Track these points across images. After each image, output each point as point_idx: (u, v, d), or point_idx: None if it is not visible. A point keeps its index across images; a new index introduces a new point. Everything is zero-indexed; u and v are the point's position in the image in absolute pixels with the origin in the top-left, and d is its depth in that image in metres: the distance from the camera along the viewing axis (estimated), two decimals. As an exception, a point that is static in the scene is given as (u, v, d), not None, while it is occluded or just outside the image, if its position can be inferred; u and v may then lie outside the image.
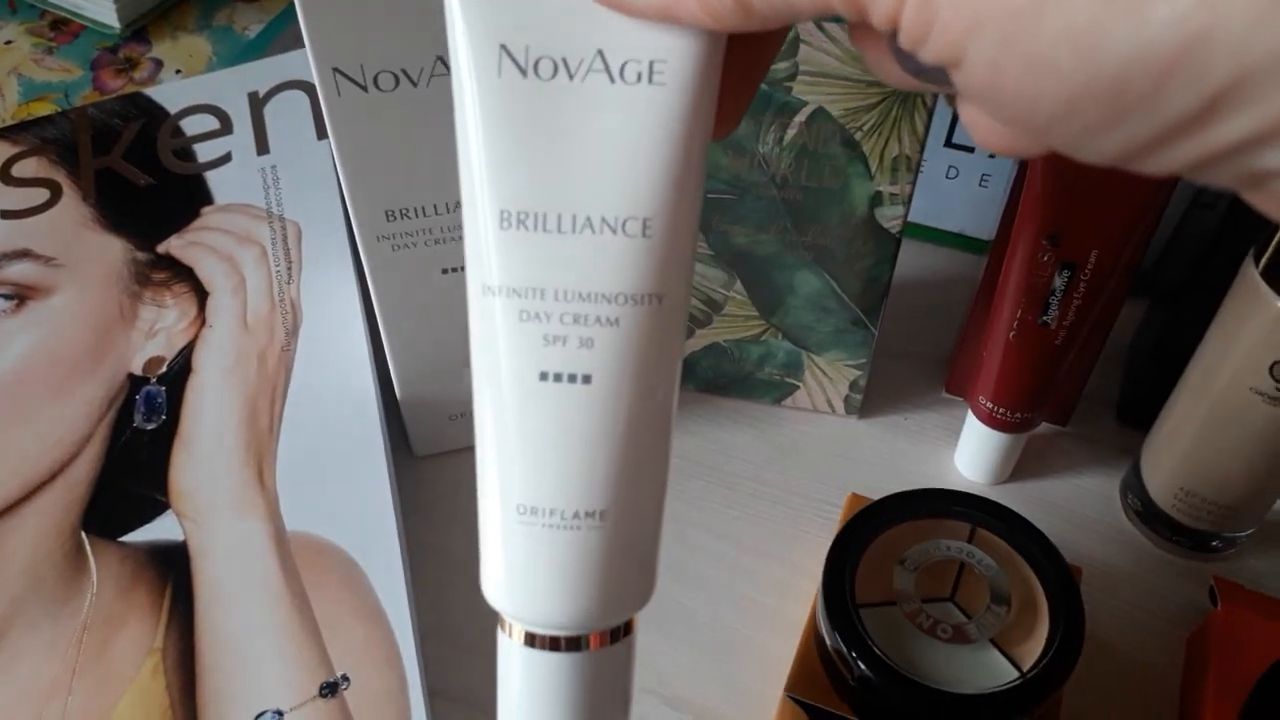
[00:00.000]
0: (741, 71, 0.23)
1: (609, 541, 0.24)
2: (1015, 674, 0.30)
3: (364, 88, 0.30)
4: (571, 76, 0.23)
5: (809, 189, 0.35)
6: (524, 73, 0.23)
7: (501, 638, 0.25)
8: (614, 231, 0.23)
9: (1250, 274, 0.32)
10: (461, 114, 0.24)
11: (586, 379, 0.24)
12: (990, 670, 0.30)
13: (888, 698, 0.29)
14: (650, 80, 0.23)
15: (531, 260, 0.24)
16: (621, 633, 0.25)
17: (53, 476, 0.37)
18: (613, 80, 0.23)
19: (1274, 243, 0.31)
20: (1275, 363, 0.32)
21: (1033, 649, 0.30)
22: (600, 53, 0.23)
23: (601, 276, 0.24)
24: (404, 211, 0.33)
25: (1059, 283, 0.34)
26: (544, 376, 0.24)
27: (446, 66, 0.24)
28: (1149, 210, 0.32)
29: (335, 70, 0.30)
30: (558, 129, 0.23)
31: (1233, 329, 0.33)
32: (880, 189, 0.34)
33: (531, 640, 0.24)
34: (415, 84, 0.30)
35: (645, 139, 0.23)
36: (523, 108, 0.23)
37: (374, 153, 0.32)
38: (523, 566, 0.24)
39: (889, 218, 0.35)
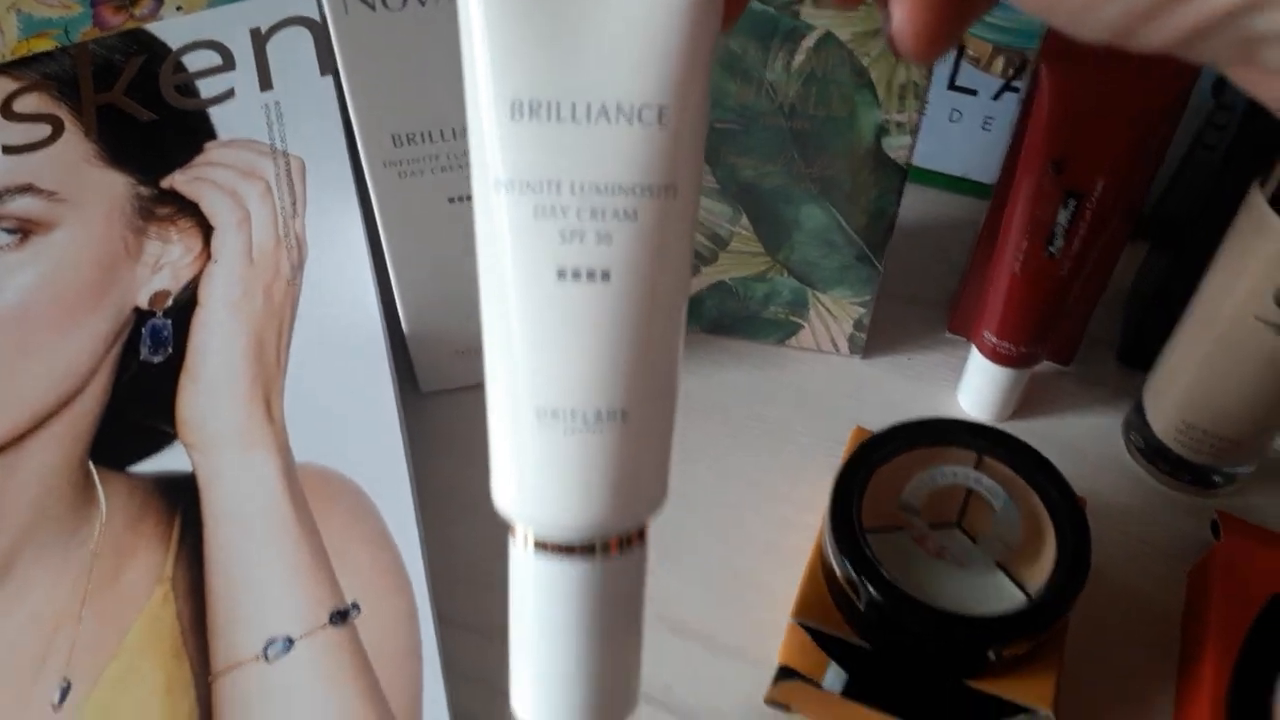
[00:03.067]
0: None
1: (628, 442, 0.24)
2: (1022, 597, 0.30)
3: (371, 6, 0.30)
4: None
5: (816, 118, 0.35)
6: None
7: (513, 550, 0.25)
8: (630, 121, 0.23)
9: (1257, 201, 0.32)
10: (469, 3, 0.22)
11: (605, 275, 0.23)
12: (998, 593, 0.30)
13: (896, 620, 0.30)
14: None
15: (546, 151, 0.23)
16: (635, 539, 0.25)
17: (59, 409, 0.37)
18: None
19: (1278, 171, 0.31)
20: (1281, 291, 0.32)
21: (1040, 573, 0.31)
22: None
23: (619, 167, 0.23)
24: (411, 137, 0.33)
25: (1064, 213, 0.34)
26: (562, 275, 0.23)
27: None
28: (1153, 135, 0.32)
29: None
30: (568, 13, 0.22)
31: (1238, 258, 0.33)
32: (888, 118, 0.34)
33: (544, 547, 0.24)
34: (423, 2, 0.30)
35: (659, 24, 0.22)
36: None
37: (381, 75, 0.31)
38: (540, 470, 0.24)
39: (896, 147, 0.35)
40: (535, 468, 0.23)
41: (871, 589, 0.30)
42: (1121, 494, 0.39)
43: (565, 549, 0.24)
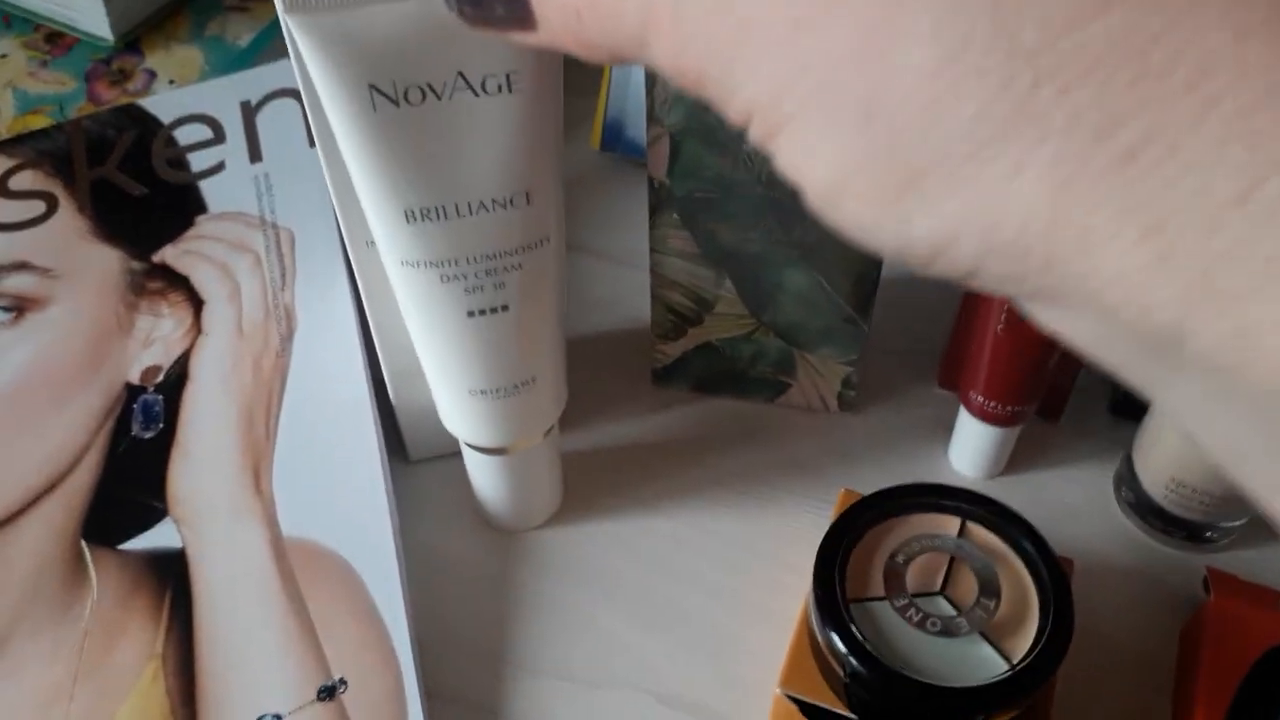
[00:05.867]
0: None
1: (538, 395, 0.34)
2: (1005, 666, 0.30)
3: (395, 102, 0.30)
4: (439, 97, 0.27)
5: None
6: (396, 103, 0.27)
7: (462, 444, 0.37)
8: (504, 207, 0.29)
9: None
10: (348, 144, 0.28)
11: (505, 307, 0.31)
12: (981, 663, 0.30)
13: (879, 692, 0.30)
14: (509, 89, 0.27)
15: (440, 241, 0.29)
16: (544, 435, 0.36)
17: (52, 486, 0.37)
18: (476, 94, 0.27)
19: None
20: (1260, 352, 0.32)
21: (1023, 641, 0.31)
22: (460, 74, 0.27)
23: (501, 239, 0.30)
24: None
25: (1045, 276, 0.34)
26: (471, 314, 0.31)
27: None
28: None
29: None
30: (438, 141, 0.28)
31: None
32: (865, 186, 0.35)
33: (479, 449, 0.36)
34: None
35: (515, 135, 0.28)
36: (403, 132, 0.27)
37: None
38: (474, 418, 0.34)
39: (875, 215, 0.35)
40: (473, 417, 0.35)
41: (854, 661, 0.30)
42: (1113, 550, 0.39)
43: (497, 450, 0.36)
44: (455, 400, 0.34)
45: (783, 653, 0.33)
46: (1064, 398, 0.42)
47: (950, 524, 0.33)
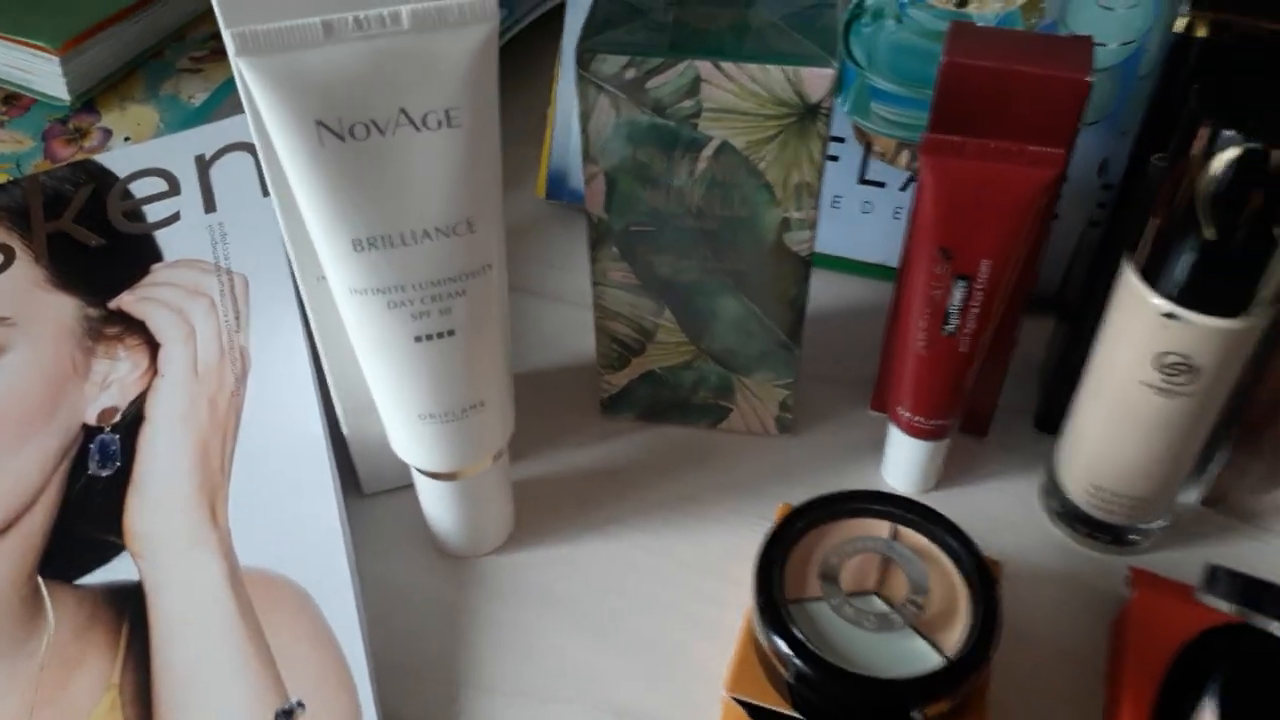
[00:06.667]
0: None
1: (486, 418, 0.36)
2: (939, 658, 0.32)
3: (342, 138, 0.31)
4: (383, 133, 0.29)
5: (723, 218, 0.37)
6: (342, 139, 0.29)
7: (413, 470, 0.38)
8: (447, 235, 0.31)
9: (1128, 274, 0.35)
10: (297, 178, 0.29)
11: (451, 333, 0.33)
12: (916, 656, 0.32)
13: (821, 687, 0.31)
14: (450, 124, 0.29)
15: (387, 269, 0.31)
16: (492, 460, 0.38)
17: (8, 526, 0.38)
18: (418, 129, 0.29)
19: (1145, 243, 0.34)
20: (1158, 354, 0.34)
21: (955, 634, 0.32)
22: (403, 110, 0.29)
23: (446, 266, 0.31)
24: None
25: (957, 294, 0.36)
26: (418, 339, 0.32)
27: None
28: (1028, 219, 0.35)
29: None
30: (383, 174, 0.29)
31: (1119, 328, 0.36)
32: (787, 215, 0.37)
33: (430, 474, 0.37)
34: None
35: (457, 168, 0.30)
36: (349, 165, 0.29)
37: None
38: (424, 443, 0.36)
39: (797, 241, 0.38)
40: (421, 443, 0.36)
41: (796, 660, 0.31)
42: (1043, 557, 0.41)
43: (448, 475, 0.37)
44: (405, 426, 0.35)
45: (728, 667, 0.34)
46: (989, 415, 0.44)
47: (881, 528, 0.35)
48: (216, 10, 0.29)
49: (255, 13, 0.28)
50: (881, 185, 0.50)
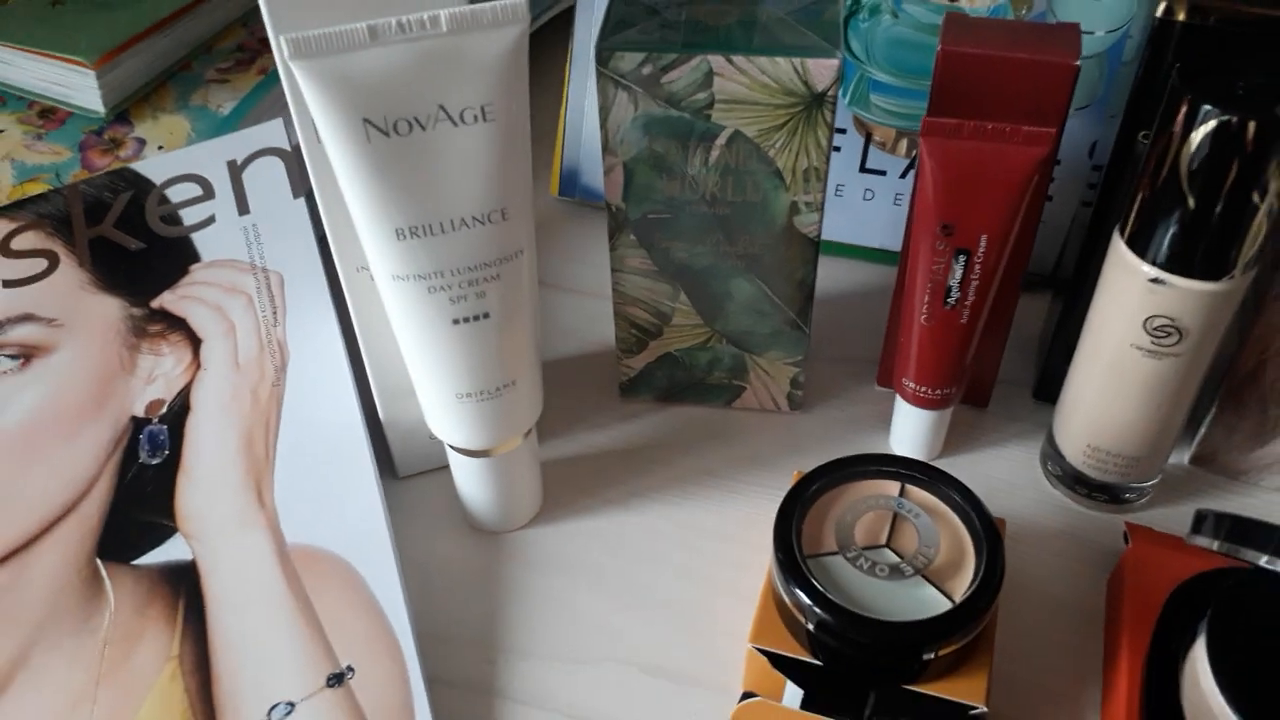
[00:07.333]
0: None
1: (517, 397, 0.38)
2: (948, 603, 0.34)
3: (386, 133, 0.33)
4: (424, 128, 0.31)
5: (735, 203, 0.40)
6: (387, 134, 0.31)
7: (448, 450, 0.40)
8: (483, 223, 0.33)
9: (1117, 244, 0.37)
10: (344, 172, 0.32)
11: (486, 315, 0.35)
12: (927, 602, 0.34)
13: (839, 633, 0.33)
14: (485, 119, 0.32)
15: (427, 256, 0.33)
16: (519, 439, 0.40)
17: (66, 513, 0.40)
18: (455, 125, 0.31)
19: (1132, 215, 0.36)
20: (1147, 318, 0.37)
21: (962, 581, 0.34)
22: (442, 107, 0.31)
23: (482, 252, 0.34)
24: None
25: (957, 269, 0.38)
26: (455, 322, 0.35)
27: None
28: (1023, 195, 0.37)
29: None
30: (423, 166, 0.32)
31: (1110, 295, 0.38)
32: (796, 199, 0.39)
33: (465, 451, 0.39)
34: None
35: (492, 159, 0.32)
36: (393, 159, 0.31)
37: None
38: (460, 421, 0.38)
39: (806, 224, 0.40)
40: (458, 421, 0.38)
41: (816, 609, 0.33)
42: (1043, 517, 0.43)
43: (480, 452, 0.40)
44: (443, 405, 0.37)
45: (750, 622, 0.36)
46: (990, 386, 0.46)
47: (891, 487, 0.37)
48: (266, 18, 0.31)
49: (302, 18, 0.31)
50: (882, 173, 0.53)
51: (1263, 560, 0.31)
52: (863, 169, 0.53)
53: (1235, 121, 0.32)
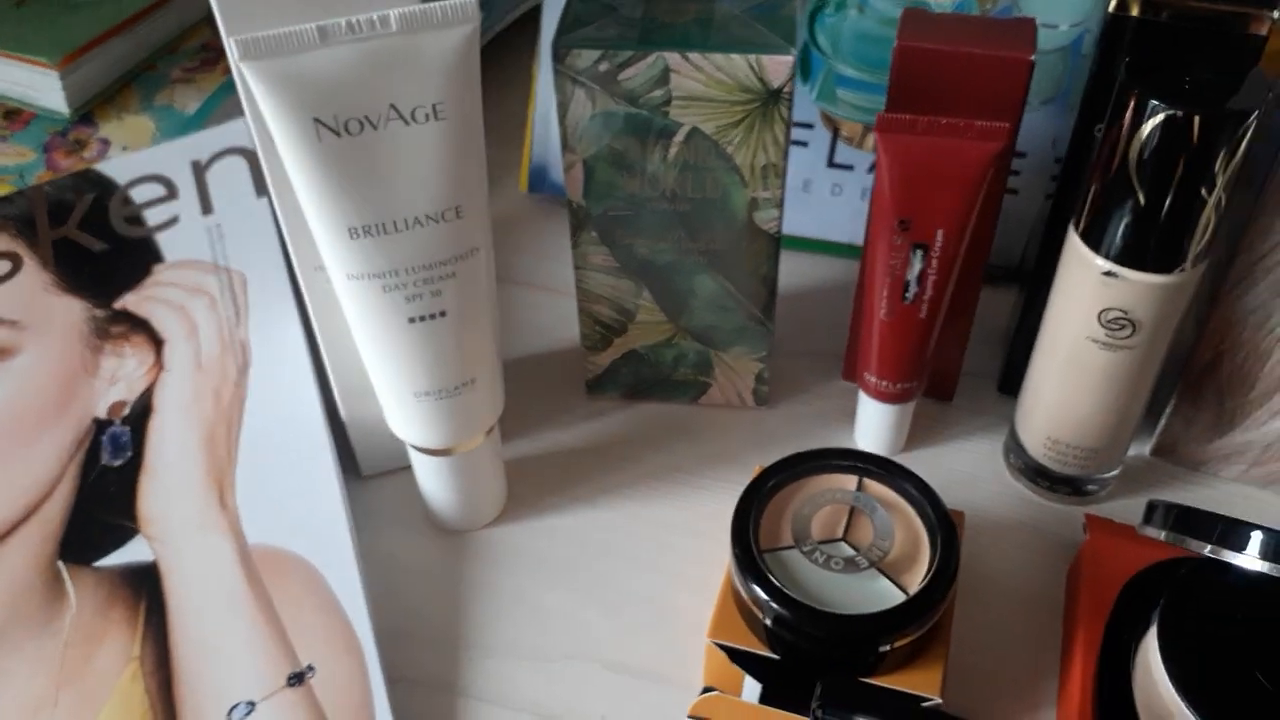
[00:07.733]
0: None
1: (477, 395, 0.38)
2: (903, 596, 0.34)
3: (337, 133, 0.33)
4: (375, 127, 0.31)
5: (695, 200, 0.40)
6: (338, 134, 0.31)
7: (409, 449, 0.40)
8: (437, 222, 0.33)
9: (1072, 238, 0.37)
10: (297, 172, 0.32)
11: (443, 314, 0.35)
12: (882, 595, 0.34)
13: (794, 627, 0.33)
14: (436, 117, 0.32)
15: (381, 255, 0.33)
16: (480, 438, 0.40)
17: (28, 515, 0.40)
18: (407, 124, 0.31)
19: (1086, 208, 0.36)
20: (1101, 311, 0.37)
21: (917, 575, 0.35)
22: (393, 106, 0.31)
23: (437, 251, 0.33)
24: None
25: (915, 263, 0.39)
26: (411, 320, 0.35)
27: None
28: (978, 189, 0.37)
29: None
30: (376, 165, 0.32)
31: (1066, 289, 0.38)
32: (755, 195, 0.39)
33: (426, 450, 0.39)
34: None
35: (444, 158, 0.32)
36: (345, 158, 0.31)
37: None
38: (420, 420, 0.38)
39: (766, 220, 0.40)
40: (417, 420, 0.38)
41: (772, 603, 0.33)
42: (1005, 510, 0.44)
43: (442, 451, 0.40)
44: (402, 404, 0.38)
45: (709, 613, 0.36)
46: (954, 380, 0.47)
47: (849, 481, 0.37)
48: (218, 19, 0.31)
49: (254, 21, 0.31)
50: (850, 168, 0.53)
51: (1206, 550, 0.31)
52: (830, 164, 0.53)
53: (1182, 116, 0.32)
